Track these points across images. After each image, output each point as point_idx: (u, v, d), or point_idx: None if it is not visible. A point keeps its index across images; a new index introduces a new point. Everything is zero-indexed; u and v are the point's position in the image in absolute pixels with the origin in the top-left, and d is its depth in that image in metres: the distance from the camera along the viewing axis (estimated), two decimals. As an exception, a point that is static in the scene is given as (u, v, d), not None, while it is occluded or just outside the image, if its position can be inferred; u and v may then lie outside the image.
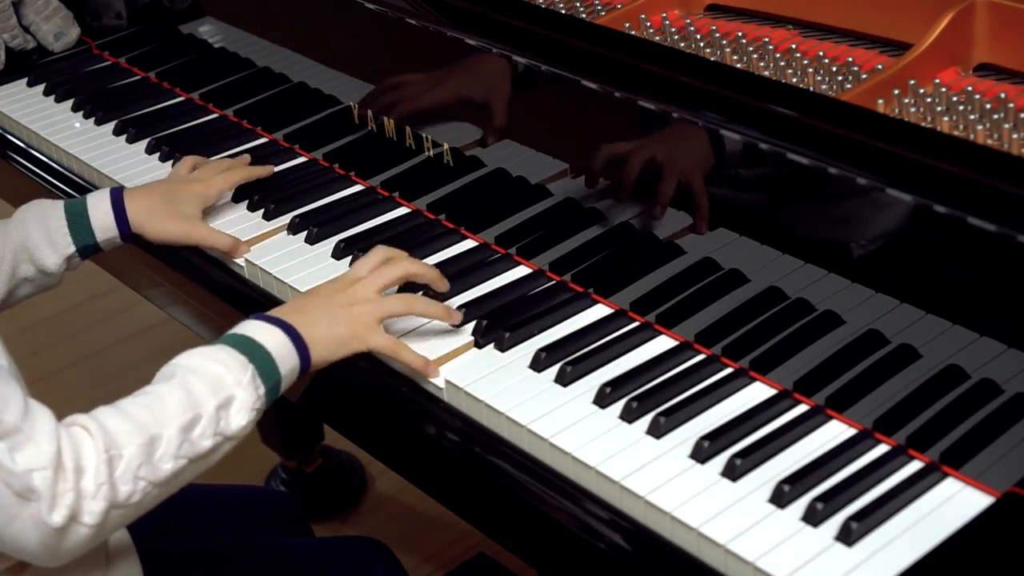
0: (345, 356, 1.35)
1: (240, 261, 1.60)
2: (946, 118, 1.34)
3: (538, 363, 1.36)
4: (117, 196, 1.59)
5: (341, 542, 1.60)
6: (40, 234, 1.54)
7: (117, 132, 1.93)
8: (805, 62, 1.48)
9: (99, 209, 1.57)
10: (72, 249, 1.55)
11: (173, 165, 1.82)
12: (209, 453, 1.22)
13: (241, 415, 1.23)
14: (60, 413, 1.14)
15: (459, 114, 1.62)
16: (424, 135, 1.66)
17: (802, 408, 1.28)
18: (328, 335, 1.33)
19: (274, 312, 1.35)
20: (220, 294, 1.62)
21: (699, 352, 1.36)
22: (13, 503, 1.09)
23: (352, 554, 1.55)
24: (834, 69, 1.45)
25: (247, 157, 1.75)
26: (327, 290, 1.39)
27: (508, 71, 1.52)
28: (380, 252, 1.43)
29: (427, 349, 1.40)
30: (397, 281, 1.41)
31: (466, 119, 1.61)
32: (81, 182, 1.86)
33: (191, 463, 1.21)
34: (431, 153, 1.66)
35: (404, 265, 1.42)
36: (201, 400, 1.21)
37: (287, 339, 1.30)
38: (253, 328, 1.30)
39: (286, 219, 1.66)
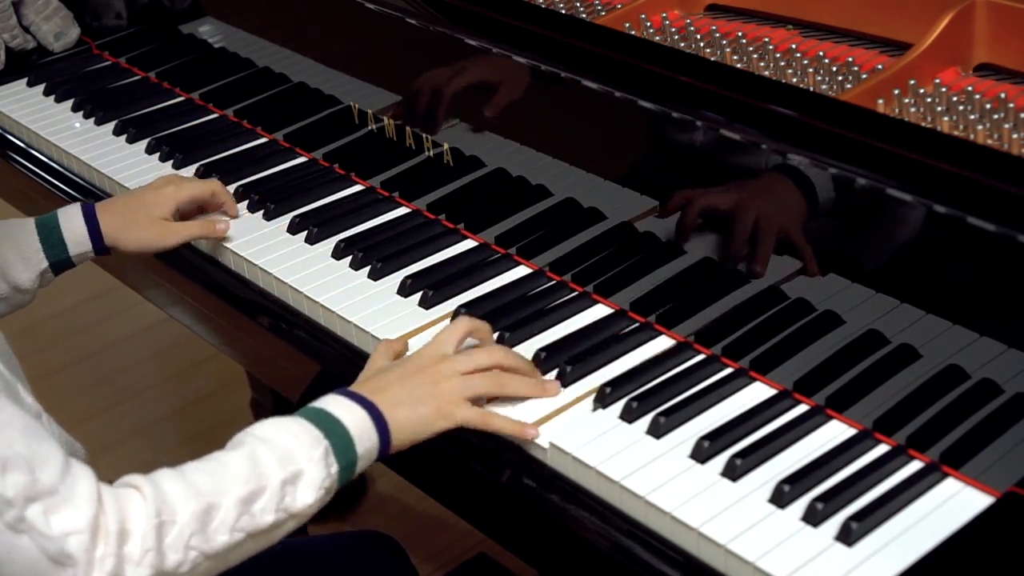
0: (430, 437, 1.27)
1: (240, 261, 1.60)
2: (946, 118, 1.34)
3: (538, 363, 1.36)
4: (89, 210, 1.57)
5: (347, 537, 1.59)
6: (11, 251, 1.52)
7: (117, 132, 1.93)
8: (805, 62, 1.48)
9: (72, 223, 1.56)
10: (45, 264, 1.54)
11: (173, 165, 1.83)
12: (270, 529, 1.15)
13: (309, 492, 1.17)
14: (60, 413, 1.13)
15: (458, 113, 1.62)
16: (424, 135, 1.66)
17: (802, 408, 1.28)
18: (411, 417, 1.25)
19: (356, 387, 1.27)
20: (220, 294, 1.62)
21: (699, 352, 1.36)
22: (47, 568, 1.04)
23: (359, 548, 1.55)
24: (834, 69, 1.45)
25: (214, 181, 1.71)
26: (412, 367, 1.29)
27: (509, 71, 1.52)
28: (465, 323, 1.33)
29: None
30: (486, 370, 1.30)
31: (466, 119, 1.61)
32: (81, 182, 1.86)
33: (250, 538, 1.14)
34: (431, 153, 1.66)
35: (497, 356, 1.31)
36: (267, 472, 1.15)
37: (367, 418, 1.23)
38: (333, 403, 1.23)
39: (286, 219, 1.66)
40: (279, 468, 1.15)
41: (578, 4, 1.69)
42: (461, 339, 1.32)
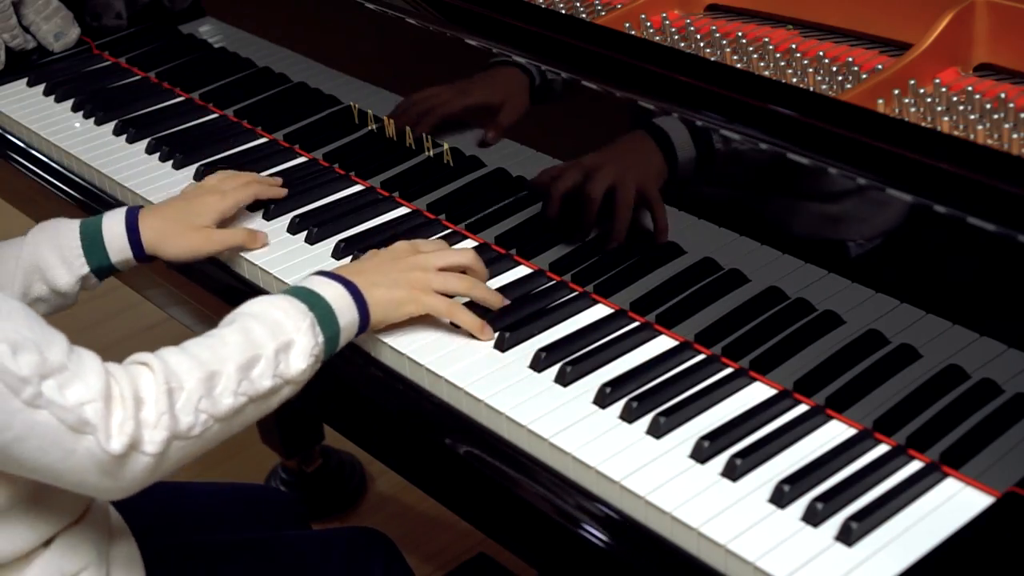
0: (400, 319, 1.40)
1: (240, 261, 1.60)
2: (946, 118, 1.34)
3: (538, 363, 1.36)
4: (132, 217, 1.55)
5: (340, 533, 1.60)
6: (53, 254, 1.51)
7: (117, 132, 1.93)
8: (805, 62, 1.48)
9: (113, 231, 1.54)
10: (86, 270, 1.52)
11: (173, 165, 1.83)
12: (269, 394, 1.26)
13: (300, 359, 1.27)
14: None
15: (460, 115, 1.62)
16: (424, 135, 1.66)
17: (802, 408, 1.28)
18: (386, 296, 1.38)
19: (335, 270, 1.39)
20: (220, 294, 1.62)
21: (699, 352, 1.36)
22: (68, 437, 1.12)
23: (351, 545, 1.55)
24: (834, 69, 1.45)
25: (278, 180, 1.71)
26: (387, 255, 1.43)
27: (510, 72, 1.52)
28: (470, 257, 1.46)
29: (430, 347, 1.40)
30: (457, 269, 1.44)
31: (467, 119, 1.61)
32: (81, 182, 1.86)
33: (251, 402, 1.24)
34: (431, 153, 1.66)
35: (469, 257, 1.45)
36: (260, 342, 1.25)
37: (347, 294, 1.34)
38: (315, 282, 1.35)
39: (286, 219, 1.66)
40: (271, 338, 1.26)
41: (578, 4, 1.69)
42: (451, 264, 1.43)
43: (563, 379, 1.34)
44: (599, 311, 1.45)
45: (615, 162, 1.42)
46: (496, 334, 1.40)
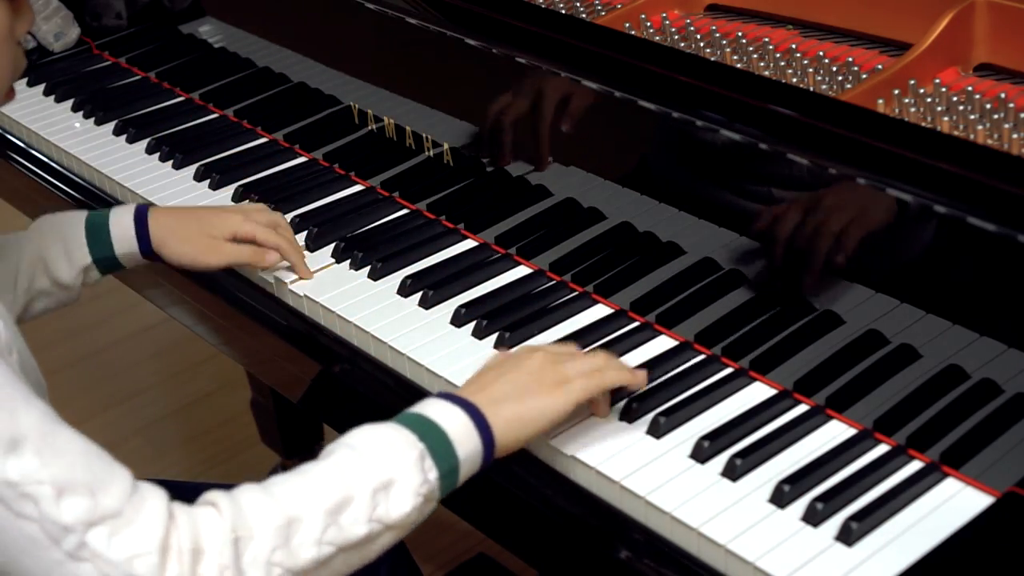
0: (545, 428, 1.20)
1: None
2: (946, 118, 1.34)
3: (538, 363, 1.36)
4: (142, 211, 1.52)
5: None
6: (57, 246, 1.49)
7: (117, 132, 1.93)
8: (805, 62, 1.48)
9: (121, 223, 1.50)
10: (88, 260, 1.49)
11: (173, 165, 1.83)
12: (363, 543, 1.08)
13: (404, 501, 1.09)
14: (60, 413, 1.11)
15: (463, 118, 1.62)
16: (424, 135, 1.66)
17: (802, 408, 1.28)
18: (519, 409, 1.18)
19: (459, 391, 1.20)
20: (220, 294, 1.62)
21: (699, 352, 1.36)
22: None
23: None
24: (834, 69, 1.45)
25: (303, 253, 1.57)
26: (524, 372, 1.21)
27: (509, 72, 1.52)
28: (609, 367, 1.25)
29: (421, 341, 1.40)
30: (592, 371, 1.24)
31: (468, 121, 1.61)
32: (81, 182, 1.86)
33: (341, 552, 1.07)
34: (431, 153, 1.66)
35: (622, 375, 1.25)
36: (355, 480, 1.07)
37: (467, 418, 1.15)
38: (430, 406, 1.16)
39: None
40: (369, 475, 1.08)
41: (578, 4, 1.69)
42: (574, 358, 1.24)
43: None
44: (599, 311, 1.45)
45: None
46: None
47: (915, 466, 1.19)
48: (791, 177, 1.28)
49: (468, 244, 1.59)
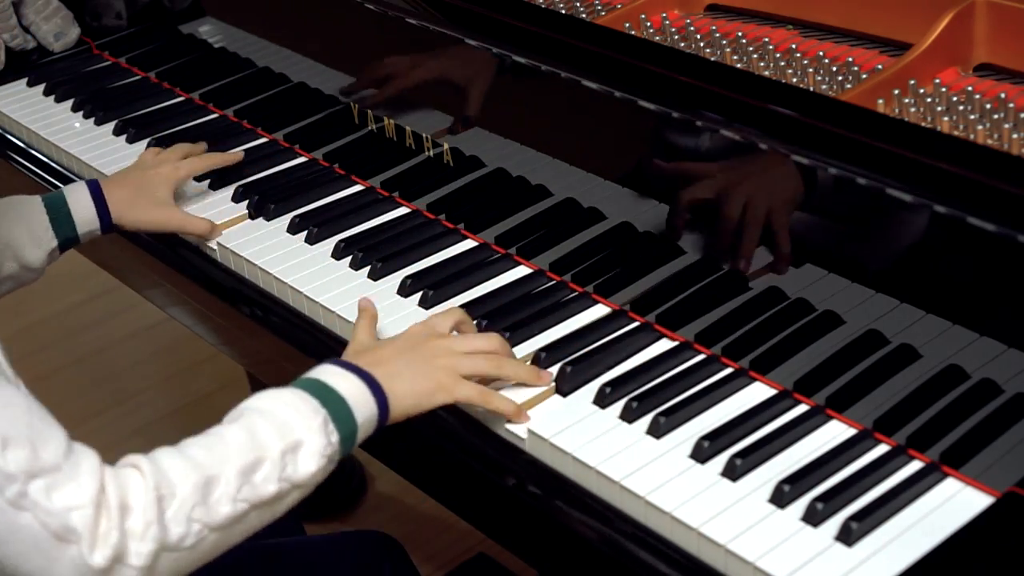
0: (428, 410, 1.28)
1: (240, 261, 1.60)
2: (946, 118, 1.34)
3: (538, 363, 1.36)
4: (96, 188, 1.60)
5: (349, 537, 1.59)
6: (22, 230, 1.53)
7: (117, 132, 1.93)
8: (805, 62, 1.48)
9: (80, 203, 1.58)
10: (55, 243, 1.56)
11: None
12: (274, 500, 1.15)
13: (310, 461, 1.16)
14: (60, 413, 1.12)
15: (459, 112, 1.62)
16: (424, 135, 1.66)
17: (802, 408, 1.28)
18: (410, 389, 1.26)
19: (350, 358, 1.28)
20: (220, 294, 1.62)
21: (699, 352, 1.36)
22: (51, 545, 1.03)
23: (360, 548, 1.54)
24: (834, 69, 1.45)
25: (204, 144, 1.76)
26: (404, 342, 1.31)
27: (508, 70, 1.52)
28: (457, 313, 1.36)
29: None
30: (483, 352, 1.32)
31: (466, 116, 1.61)
32: (81, 182, 1.86)
33: (254, 509, 1.14)
34: (431, 153, 1.66)
35: (495, 343, 1.33)
36: (266, 443, 1.15)
37: (365, 387, 1.23)
38: (328, 373, 1.24)
39: (286, 219, 1.66)
40: (278, 438, 1.15)
41: (578, 4, 1.69)
42: (453, 326, 1.35)
43: (563, 381, 1.34)
44: (599, 311, 1.45)
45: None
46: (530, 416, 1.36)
47: (915, 466, 1.19)
48: (791, 176, 1.28)
49: (468, 244, 1.59)
